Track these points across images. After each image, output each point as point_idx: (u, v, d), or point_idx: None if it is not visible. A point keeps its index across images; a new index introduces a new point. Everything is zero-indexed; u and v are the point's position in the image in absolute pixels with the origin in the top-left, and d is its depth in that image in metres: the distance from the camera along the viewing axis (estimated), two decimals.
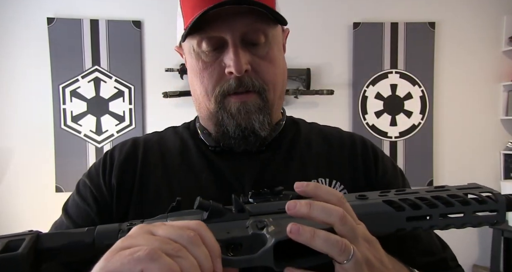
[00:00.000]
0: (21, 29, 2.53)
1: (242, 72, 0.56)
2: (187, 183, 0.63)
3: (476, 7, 2.74)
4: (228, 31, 0.56)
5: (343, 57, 2.72)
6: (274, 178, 0.63)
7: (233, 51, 0.56)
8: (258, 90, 0.59)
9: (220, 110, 0.60)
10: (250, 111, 0.59)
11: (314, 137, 0.70)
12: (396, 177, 0.70)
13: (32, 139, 2.55)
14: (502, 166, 2.78)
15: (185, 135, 0.70)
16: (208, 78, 0.59)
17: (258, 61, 0.59)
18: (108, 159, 0.67)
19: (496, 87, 2.78)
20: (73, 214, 0.63)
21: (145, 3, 2.61)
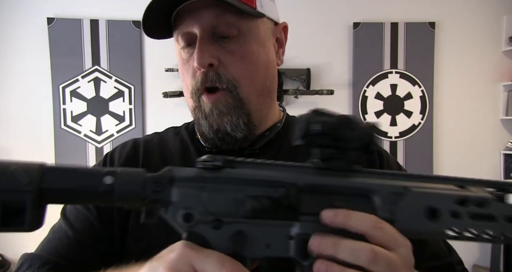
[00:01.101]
0: (21, 29, 2.53)
1: (203, 65, 0.54)
2: None
3: (476, 7, 2.74)
4: (196, 24, 0.55)
5: (343, 57, 2.72)
6: None
7: (198, 45, 0.54)
8: (226, 86, 0.56)
9: (196, 109, 0.59)
10: (222, 112, 0.57)
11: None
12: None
13: (32, 139, 2.55)
14: (502, 166, 2.78)
15: (184, 136, 0.68)
16: (186, 75, 0.59)
17: (227, 56, 0.56)
18: (108, 162, 0.65)
19: (496, 87, 2.78)
20: (71, 218, 0.62)
21: (145, 3, 2.60)
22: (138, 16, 2.76)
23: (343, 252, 0.34)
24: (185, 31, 0.56)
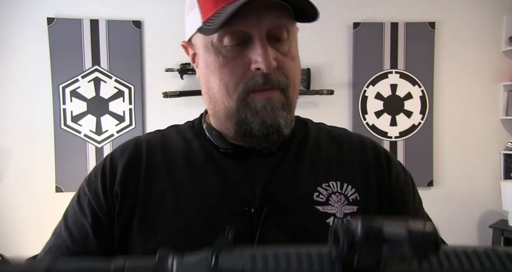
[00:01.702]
0: (21, 29, 2.53)
1: (271, 68, 0.54)
2: (194, 187, 0.60)
3: (476, 7, 2.74)
4: (256, 25, 0.53)
5: (343, 57, 2.72)
6: (284, 180, 0.60)
7: (262, 47, 0.53)
8: (282, 87, 0.57)
9: (243, 108, 0.57)
10: (276, 107, 0.56)
11: (323, 138, 0.68)
12: (408, 183, 0.68)
13: (32, 139, 2.55)
14: (502, 166, 2.78)
15: (188, 135, 0.66)
16: (229, 75, 0.56)
17: (282, 58, 0.56)
18: (108, 165, 0.63)
19: (496, 87, 2.78)
20: (71, 223, 0.62)
21: (145, 3, 2.61)
22: (138, 16, 2.76)
23: None
24: (240, 29, 0.53)
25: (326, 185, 0.60)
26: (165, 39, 2.61)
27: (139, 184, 0.60)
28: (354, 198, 0.61)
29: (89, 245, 0.59)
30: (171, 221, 0.57)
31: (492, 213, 2.76)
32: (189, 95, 2.53)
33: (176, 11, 2.62)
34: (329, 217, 0.58)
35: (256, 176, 0.59)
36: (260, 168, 0.60)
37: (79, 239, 0.59)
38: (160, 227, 0.57)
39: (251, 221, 0.56)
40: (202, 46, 0.59)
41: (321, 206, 0.59)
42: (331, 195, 0.60)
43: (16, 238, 2.53)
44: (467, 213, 2.77)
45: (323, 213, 0.58)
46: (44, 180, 2.54)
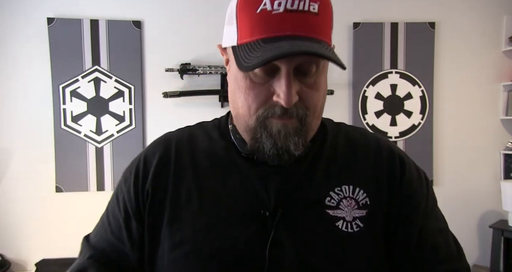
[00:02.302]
0: (21, 29, 2.53)
1: (291, 105, 0.56)
2: (216, 187, 0.64)
3: (476, 7, 2.74)
4: (286, 63, 0.55)
5: (343, 57, 2.71)
6: (298, 185, 0.63)
7: (286, 84, 0.55)
8: (300, 117, 0.59)
9: (260, 128, 0.59)
10: (289, 133, 0.59)
11: (340, 141, 0.70)
12: (421, 186, 0.69)
13: (32, 139, 2.55)
14: (502, 166, 2.78)
15: (214, 135, 0.70)
16: (253, 98, 0.58)
17: (306, 90, 0.58)
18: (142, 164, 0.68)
19: (496, 87, 2.78)
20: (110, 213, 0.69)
21: (145, 3, 2.61)
22: (138, 16, 2.76)
23: None
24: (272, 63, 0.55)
25: (339, 189, 0.64)
26: (165, 39, 2.61)
27: (168, 183, 0.65)
28: (364, 202, 0.63)
29: (122, 237, 0.65)
30: (195, 220, 0.62)
31: (492, 213, 2.76)
32: (189, 95, 2.53)
33: (176, 11, 2.62)
34: (338, 220, 0.61)
35: (272, 181, 0.63)
36: (276, 174, 0.63)
37: (115, 230, 0.66)
38: (185, 224, 0.62)
39: (265, 223, 0.60)
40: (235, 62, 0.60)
41: (332, 210, 0.62)
42: (342, 200, 0.63)
43: (16, 238, 2.53)
44: (467, 213, 2.77)
45: (333, 216, 0.61)
46: (44, 180, 2.54)
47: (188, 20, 2.64)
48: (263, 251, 0.58)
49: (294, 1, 0.53)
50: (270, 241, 0.58)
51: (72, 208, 2.52)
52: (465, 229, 2.78)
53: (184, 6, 2.63)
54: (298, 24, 0.53)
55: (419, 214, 0.66)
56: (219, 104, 2.59)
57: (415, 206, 0.66)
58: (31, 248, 2.51)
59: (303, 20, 0.54)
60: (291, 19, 0.53)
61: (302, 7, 0.53)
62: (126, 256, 0.65)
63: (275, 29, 0.53)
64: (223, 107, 2.60)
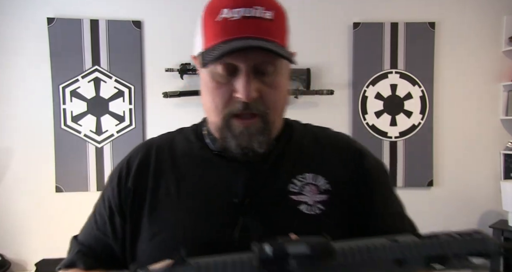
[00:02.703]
0: (21, 29, 2.53)
1: (250, 99, 0.62)
2: (192, 181, 0.71)
3: (476, 7, 2.75)
4: (243, 61, 0.62)
5: (343, 57, 2.72)
6: (265, 176, 0.70)
7: (244, 80, 0.62)
8: (261, 114, 0.65)
9: (225, 128, 0.66)
10: (252, 133, 0.65)
11: (306, 138, 0.77)
12: (378, 174, 0.76)
13: (32, 139, 2.55)
14: (502, 166, 2.78)
15: (191, 137, 0.77)
16: (219, 97, 0.65)
17: (265, 89, 0.65)
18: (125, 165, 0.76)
19: (496, 87, 2.78)
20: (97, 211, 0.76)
21: (145, 3, 2.61)
22: (138, 16, 2.76)
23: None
24: (230, 62, 0.62)
25: (302, 177, 0.70)
26: (165, 39, 2.61)
27: (148, 181, 0.72)
28: (325, 188, 0.70)
29: (106, 231, 0.73)
30: (172, 210, 0.69)
31: (492, 213, 2.76)
32: (189, 95, 2.53)
33: (176, 11, 2.62)
34: (301, 204, 0.68)
35: (242, 174, 0.70)
36: (245, 168, 0.70)
37: (100, 226, 0.74)
38: (163, 215, 0.69)
39: (236, 211, 0.67)
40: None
41: (295, 195, 0.68)
42: (304, 186, 0.69)
43: (16, 238, 2.53)
44: (467, 213, 2.77)
45: (296, 201, 0.68)
46: (44, 180, 2.55)
47: (188, 20, 2.62)
48: (233, 234, 0.65)
49: (249, 9, 0.61)
50: (238, 226, 0.65)
51: (72, 208, 2.52)
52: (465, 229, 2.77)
53: (184, 6, 2.63)
54: (253, 28, 0.61)
55: (377, 200, 0.72)
56: None
57: (373, 193, 0.72)
58: (31, 248, 2.51)
59: (258, 24, 0.61)
60: (247, 24, 0.61)
61: (257, 14, 0.61)
62: (110, 248, 0.72)
63: (233, 32, 0.61)
64: None
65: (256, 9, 0.61)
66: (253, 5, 0.61)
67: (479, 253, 0.49)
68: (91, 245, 0.73)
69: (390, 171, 2.70)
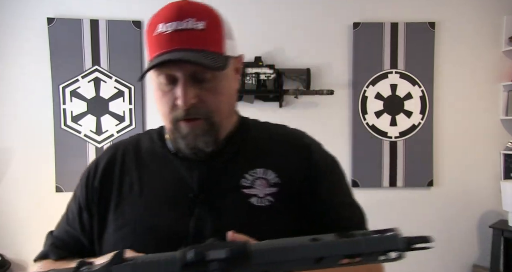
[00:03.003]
0: (21, 29, 2.53)
1: (187, 105, 0.68)
2: (153, 178, 0.78)
3: (476, 7, 2.75)
4: (179, 71, 0.67)
5: (343, 57, 2.72)
6: (218, 174, 0.76)
7: (181, 88, 0.68)
8: (204, 117, 0.71)
9: (174, 130, 0.73)
10: (198, 134, 0.71)
11: (261, 135, 0.83)
12: (327, 167, 0.81)
13: (32, 139, 2.55)
14: (502, 166, 2.78)
15: (154, 137, 0.84)
16: (164, 105, 0.72)
17: (205, 94, 0.70)
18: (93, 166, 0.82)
19: (496, 87, 2.78)
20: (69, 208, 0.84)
21: (145, 3, 2.61)
22: (138, 16, 2.76)
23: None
24: (169, 73, 0.68)
25: (253, 172, 0.75)
26: None
27: (114, 179, 0.79)
28: (275, 181, 0.75)
29: (75, 226, 0.80)
30: (135, 203, 0.75)
31: (492, 213, 2.77)
32: None
33: None
34: (251, 197, 0.73)
35: (196, 171, 0.76)
36: (199, 165, 0.76)
37: (71, 221, 0.81)
38: (127, 210, 0.75)
39: (191, 204, 0.73)
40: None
41: (246, 189, 0.74)
42: (255, 180, 0.75)
43: (16, 238, 2.53)
44: (467, 213, 2.77)
45: (247, 194, 0.73)
46: (44, 180, 2.55)
47: None
48: (189, 225, 0.71)
49: (181, 22, 0.67)
50: (193, 217, 0.71)
51: None
52: (465, 229, 2.78)
53: None
54: (185, 40, 0.67)
55: (324, 191, 0.77)
56: None
57: (322, 184, 0.77)
58: (31, 248, 2.50)
59: (189, 36, 0.67)
60: (178, 37, 0.66)
61: (188, 26, 0.67)
62: (80, 241, 0.79)
63: (165, 45, 0.67)
64: None
65: (187, 22, 0.67)
66: (185, 18, 0.67)
67: (390, 250, 0.51)
68: (64, 238, 0.81)
69: (390, 171, 2.70)
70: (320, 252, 0.51)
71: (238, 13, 2.67)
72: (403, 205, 2.73)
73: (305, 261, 0.50)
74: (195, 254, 0.47)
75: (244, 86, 2.58)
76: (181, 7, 0.69)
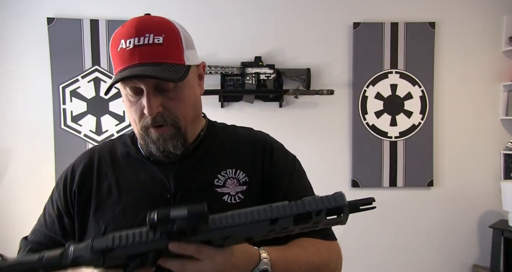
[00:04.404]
0: (21, 29, 2.53)
1: (153, 114, 0.74)
2: (131, 181, 0.82)
3: (476, 7, 2.74)
4: (142, 84, 0.73)
5: (343, 57, 2.72)
6: (192, 175, 0.82)
7: (146, 99, 0.74)
8: (171, 123, 0.77)
9: (145, 136, 0.79)
10: (166, 139, 0.78)
11: (228, 138, 0.89)
12: (286, 165, 0.88)
13: (32, 139, 2.55)
14: (502, 166, 2.78)
15: (128, 142, 0.89)
16: (133, 113, 0.78)
17: (169, 102, 0.76)
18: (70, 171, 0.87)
19: (496, 87, 2.78)
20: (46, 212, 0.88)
21: (144, 3, 2.61)
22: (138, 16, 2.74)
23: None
24: (133, 86, 0.74)
25: (224, 172, 0.82)
26: None
27: (92, 183, 0.83)
28: (244, 180, 0.82)
29: (55, 230, 0.84)
30: (114, 206, 0.80)
31: (492, 213, 2.77)
32: None
33: (176, 10, 2.62)
34: (224, 195, 0.80)
35: (171, 173, 0.81)
36: (174, 167, 0.82)
37: (49, 225, 0.85)
38: (107, 211, 0.80)
39: (169, 204, 0.78)
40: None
41: (219, 188, 0.81)
42: (227, 180, 0.82)
43: (16, 237, 2.52)
44: (467, 213, 2.77)
45: (220, 192, 0.80)
46: (44, 180, 2.54)
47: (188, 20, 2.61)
48: None
49: (140, 39, 0.73)
50: None
51: None
52: (465, 229, 2.78)
53: (184, 6, 2.63)
54: (144, 55, 0.72)
55: (284, 185, 0.84)
56: (219, 104, 2.60)
57: (281, 179, 0.85)
58: None
59: (149, 51, 0.72)
60: (139, 52, 0.72)
61: (147, 41, 0.73)
62: (60, 243, 0.81)
63: (127, 60, 0.73)
64: (223, 107, 2.60)
65: (146, 37, 0.73)
66: (144, 34, 0.73)
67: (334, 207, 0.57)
68: (41, 241, 0.84)
69: (390, 171, 2.70)
70: (274, 213, 0.57)
71: (238, 13, 2.67)
72: (403, 205, 2.74)
73: (262, 224, 0.56)
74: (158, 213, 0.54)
75: (244, 86, 2.58)
76: (140, 23, 0.74)
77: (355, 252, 2.67)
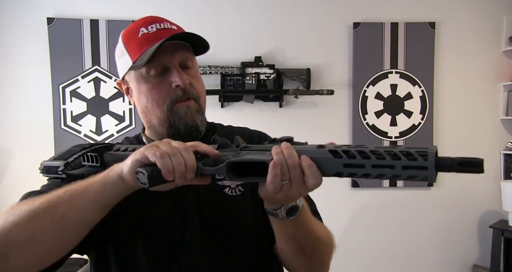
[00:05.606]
0: (21, 29, 2.53)
1: (186, 84, 0.80)
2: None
3: (476, 7, 2.74)
4: (170, 60, 0.79)
5: (343, 57, 2.72)
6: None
7: (178, 72, 0.79)
8: (195, 97, 0.83)
9: (171, 115, 0.81)
10: (193, 112, 0.82)
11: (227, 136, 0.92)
12: None
13: (32, 139, 2.55)
14: (502, 166, 2.78)
15: (135, 143, 0.93)
16: (158, 94, 0.81)
17: (191, 79, 0.82)
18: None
19: (496, 87, 2.78)
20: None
21: (144, 3, 2.61)
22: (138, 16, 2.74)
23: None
24: (161, 63, 0.79)
25: None
26: None
27: None
28: None
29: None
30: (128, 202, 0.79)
31: (492, 213, 2.77)
32: None
33: (176, 10, 2.62)
34: (225, 188, 0.85)
35: None
36: None
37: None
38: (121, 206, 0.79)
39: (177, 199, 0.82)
40: (134, 79, 0.84)
41: (220, 181, 0.85)
42: None
43: None
44: (467, 213, 2.77)
45: (221, 186, 0.85)
46: (44, 180, 2.54)
47: (188, 20, 2.62)
48: (175, 217, 0.81)
49: (160, 24, 0.81)
50: (179, 210, 0.81)
51: None
52: (465, 229, 2.78)
53: (184, 5, 2.63)
54: (168, 33, 0.78)
55: None
56: (219, 104, 2.60)
57: None
58: None
59: (171, 32, 0.80)
60: (163, 32, 0.79)
61: (168, 26, 0.82)
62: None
63: (155, 39, 0.78)
64: (223, 107, 2.60)
65: (165, 24, 0.81)
66: (163, 21, 0.82)
67: (422, 153, 0.52)
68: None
69: None
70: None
71: (238, 13, 2.67)
72: (403, 205, 2.73)
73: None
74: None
75: (244, 86, 2.58)
76: (154, 17, 0.83)
77: (355, 252, 2.67)
